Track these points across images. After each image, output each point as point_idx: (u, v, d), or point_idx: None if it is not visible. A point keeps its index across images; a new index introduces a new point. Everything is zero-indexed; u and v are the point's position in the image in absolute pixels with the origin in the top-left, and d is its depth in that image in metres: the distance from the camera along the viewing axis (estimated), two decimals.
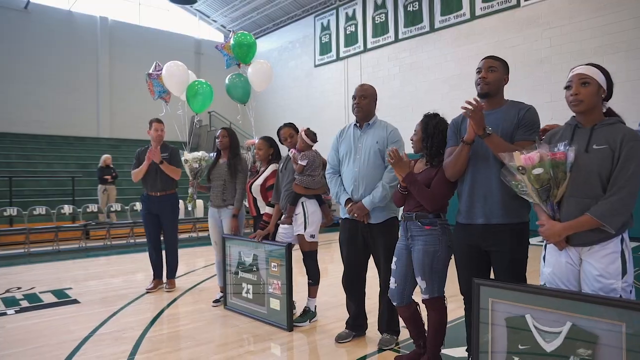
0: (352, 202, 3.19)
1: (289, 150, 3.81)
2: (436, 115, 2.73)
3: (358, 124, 3.35)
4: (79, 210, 8.94)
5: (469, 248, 2.42)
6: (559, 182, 1.96)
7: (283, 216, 3.81)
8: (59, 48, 14.62)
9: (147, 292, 4.81)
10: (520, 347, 2.04)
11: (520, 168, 1.98)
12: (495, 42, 10.88)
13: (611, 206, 1.86)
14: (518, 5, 10.47)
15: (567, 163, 1.94)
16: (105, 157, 10.13)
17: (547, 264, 2.08)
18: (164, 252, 5.00)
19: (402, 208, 2.83)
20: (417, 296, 2.75)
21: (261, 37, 18.03)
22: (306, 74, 15.81)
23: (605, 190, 1.91)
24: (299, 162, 3.62)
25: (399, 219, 2.90)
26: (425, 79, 12.21)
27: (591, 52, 9.36)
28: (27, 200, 9.68)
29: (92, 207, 9.03)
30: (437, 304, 2.67)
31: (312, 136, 3.77)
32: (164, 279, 5.00)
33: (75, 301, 4.59)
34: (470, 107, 2.17)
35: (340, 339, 3.31)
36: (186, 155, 4.39)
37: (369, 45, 13.65)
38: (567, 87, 2.03)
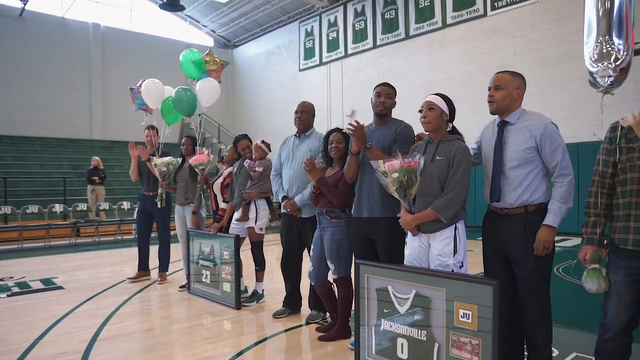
0: (287, 199, 3.83)
1: (244, 160, 4.44)
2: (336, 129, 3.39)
3: (298, 135, 3.98)
4: (69, 209, 9.57)
5: (360, 237, 3.06)
6: (412, 184, 2.60)
7: (235, 213, 4.45)
8: (53, 53, 15.23)
9: (129, 281, 5.42)
10: (385, 311, 2.68)
11: (384, 172, 2.62)
12: (465, 49, 11.53)
13: (444, 202, 2.50)
14: (485, 15, 11.11)
15: (418, 169, 2.58)
16: (94, 159, 10.75)
17: (407, 247, 2.72)
18: (152, 248, 5.55)
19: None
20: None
21: (249, 42, 18.70)
22: (291, 78, 16.44)
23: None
24: (257, 169, 4.26)
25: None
26: (401, 84, 12.66)
27: (550, 60, 10.02)
28: (21, 200, 10.30)
29: (82, 206, 9.67)
30: (344, 282, 3.31)
31: (267, 146, 4.42)
32: (157, 273, 5.49)
33: (60, 287, 5.23)
34: (351, 127, 2.81)
35: (277, 314, 3.95)
36: (156, 160, 5.02)
37: (350, 51, 14.29)
38: (420, 111, 2.66)
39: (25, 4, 14.22)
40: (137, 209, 5.65)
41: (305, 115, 3.95)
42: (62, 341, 3.40)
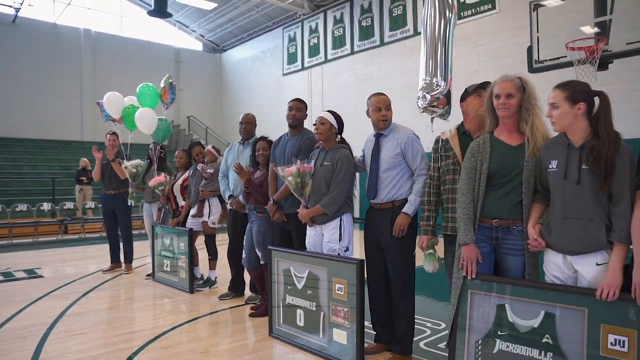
0: (233, 197, 4.47)
1: (197, 164, 5.07)
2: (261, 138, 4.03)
3: (242, 142, 4.62)
4: (56, 207, 10.20)
5: (281, 228, 3.70)
6: (306, 185, 3.23)
7: (192, 210, 5.09)
8: (45, 58, 15.85)
9: (103, 272, 6.04)
10: (288, 288, 3.32)
11: (283, 176, 3.25)
12: None
13: (329, 200, 3.12)
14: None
15: (309, 173, 3.21)
16: (83, 160, 11.38)
17: (307, 235, 3.35)
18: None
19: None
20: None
21: (237, 46, 19.32)
22: (276, 82, 17.07)
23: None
24: (208, 170, 4.89)
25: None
26: (376, 89, 13.25)
27: (510, 67, 10.60)
28: (11, 199, 10.92)
29: (69, 205, 10.30)
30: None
31: (217, 151, 5.05)
32: (122, 265, 6.17)
33: (40, 276, 5.86)
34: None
35: (222, 296, 4.59)
36: (126, 163, 5.64)
37: (329, 57, 14.92)
38: (314, 125, 3.29)
39: (18, 11, 14.85)
40: (102, 209, 6.27)
41: (248, 126, 4.58)
42: (34, 317, 4.03)
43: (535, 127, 2.31)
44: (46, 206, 10.10)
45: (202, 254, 5.18)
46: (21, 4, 14.38)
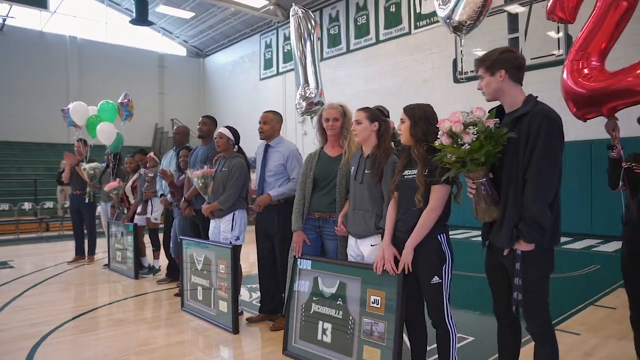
0: (163, 196, 5.24)
1: (140, 169, 5.86)
2: (185, 147, 4.80)
3: (174, 149, 5.39)
4: (37, 207, 10.99)
5: (192, 221, 4.49)
6: (208, 185, 4.01)
7: (138, 208, 5.87)
8: (33, 64, 16.60)
9: (67, 263, 6.82)
10: (192, 270, 4.11)
11: (191, 178, 4.04)
12: (394, 63, 12.95)
13: (223, 198, 3.89)
14: (409, 33, 12.54)
15: (210, 176, 3.99)
16: (64, 163, 12.14)
17: (209, 228, 4.13)
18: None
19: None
20: None
21: (218, 52, 20.09)
22: (253, 86, 17.86)
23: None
24: (149, 175, 5.68)
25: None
26: (342, 93, 14.21)
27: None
28: None
29: (49, 204, 11.09)
30: None
31: (157, 157, 5.83)
32: (86, 256, 6.96)
33: (11, 267, 6.65)
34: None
35: (160, 281, 5.38)
36: (85, 165, 6.44)
37: (325, 55, 15.65)
38: (215, 139, 4.07)
39: (5, 20, 15.62)
40: (70, 207, 7.07)
41: (177, 135, 5.32)
42: None
43: (352, 142, 3.09)
44: (27, 205, 10.88)
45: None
46: (7, 14, 15.13)
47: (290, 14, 6.09)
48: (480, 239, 2.33)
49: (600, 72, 2.38)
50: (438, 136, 2.15)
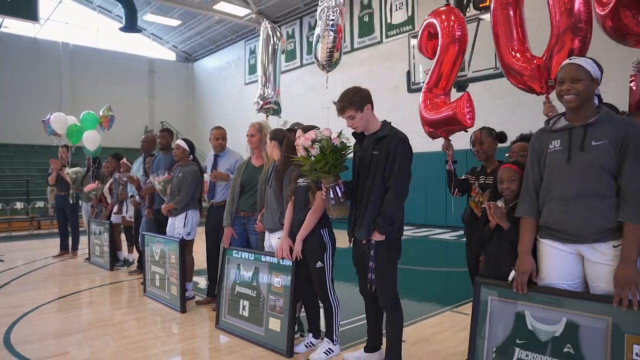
0: (133, 197, 5.98)
1: (115, 173, 6.59)
2: (150, 155, 5.55)
3: (143, 155, 6.13)
4: (29, 206, 11.72)
5: (156, 219, 5.23)
6: (167, 187, 4.74)
7: (114, 208, 6.61)
8: (27, 69, 17.31)
9: (53, 257, 7.56)
10: (153, 261, 4.84)
11: (152, 182, 4.78)
12: (367, 70, 13.69)
13: (178, 199, 4.63)
14: (381, 42, 13.29)
15: (169, 181, 4.73)
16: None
17: (167, 225, 4.87)
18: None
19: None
20: None
21: (207, 57, 20.83)
22: (239, 90, 18.60)
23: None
24: (123, 179, 6.41)
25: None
26: (320, 98, 15.00)
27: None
28: None
29: (40, 204, 11.82)
30: None
31: (130, 162, 6.56)
32: (70, 251, 7.70)
33: (1, 261, 7.39)
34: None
35: (131, 272, 6.12)
36: (67, 169, 7.17)
37: (283, 69, 16.37)
38: (172, 150, 4.81)
39: None
40: (55, 207, 7.81)
41: (145, 144, 6.04)
42: None
43: (269, 154, 3.83)
44: (19, 205, 11.61)
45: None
46: (1, 24, 15.84)
47: (262, 27, 6.82)
48: (440, 237, 3.08)
49: (442, 103, 3.13)
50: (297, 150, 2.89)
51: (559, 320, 2.10)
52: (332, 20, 4.54)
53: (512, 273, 2.27)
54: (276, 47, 6.45)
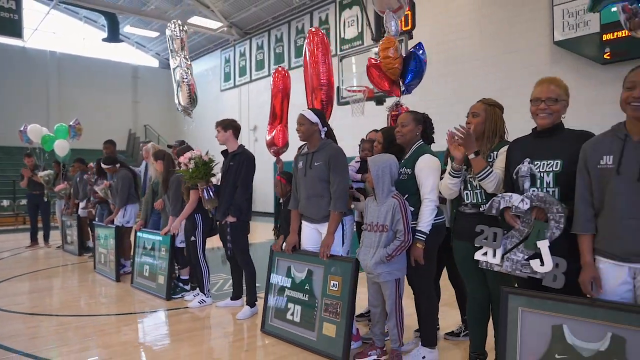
0: None
1: (84, 174, 7.93)
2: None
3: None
4: (15, 204, 13.07)
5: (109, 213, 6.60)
6: (107, 193, 6.10)
7: (81, 203, 7.96)
8: (15, 77, 18.57)
9: (25, 247, 8.89)
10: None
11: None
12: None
13: (119, 198, 5.99)
14: (335, 54, 14.63)
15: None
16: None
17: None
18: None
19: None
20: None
21: None
22: (215, 97, 19.93)
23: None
24: (92, 179, 7.75)
25: None
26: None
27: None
28: None
29: (24, 202, 13.13)
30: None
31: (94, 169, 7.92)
32: (42, 243, 9.03)
33: None
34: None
35: (90, 256, 7.48)
36: (40, 173, 8.52)
37: (253, 77, 17.80)
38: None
39: None
40: (27, 204, 9.15)
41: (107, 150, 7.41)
42: None
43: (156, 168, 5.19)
44: (5, 202, 12.95)
45: None
46: None
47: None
48: None
49: (280, 132, 4.56)
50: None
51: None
52: (185, 79, 6.52)
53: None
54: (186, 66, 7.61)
